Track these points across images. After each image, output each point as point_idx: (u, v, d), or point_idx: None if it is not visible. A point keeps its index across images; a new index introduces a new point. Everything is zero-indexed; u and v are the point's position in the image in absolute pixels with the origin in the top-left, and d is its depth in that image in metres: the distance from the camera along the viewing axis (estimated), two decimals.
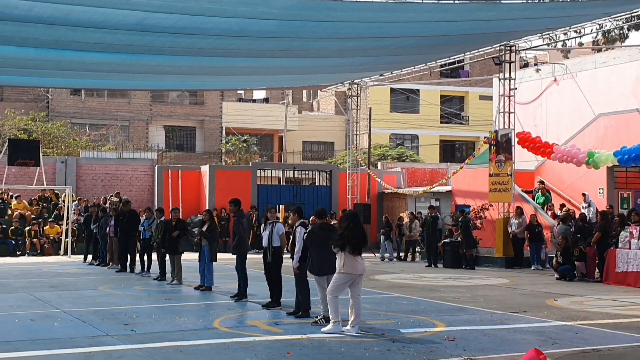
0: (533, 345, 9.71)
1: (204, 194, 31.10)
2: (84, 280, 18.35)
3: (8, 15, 13.80)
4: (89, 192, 31.42)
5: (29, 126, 40.08)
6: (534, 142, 23.84)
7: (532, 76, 30.00)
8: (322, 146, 51.60)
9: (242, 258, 14.56)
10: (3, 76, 23.29)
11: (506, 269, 21.82)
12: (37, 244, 27.03)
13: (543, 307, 13.64)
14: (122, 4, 13.38)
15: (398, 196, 31.36)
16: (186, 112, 49.06)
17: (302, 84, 30.88)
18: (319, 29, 15.63)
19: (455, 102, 50.41)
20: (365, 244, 10.88)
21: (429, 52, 21.64)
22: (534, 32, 20.89)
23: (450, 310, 13.03)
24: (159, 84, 27.41)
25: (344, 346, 9.61)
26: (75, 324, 11.39)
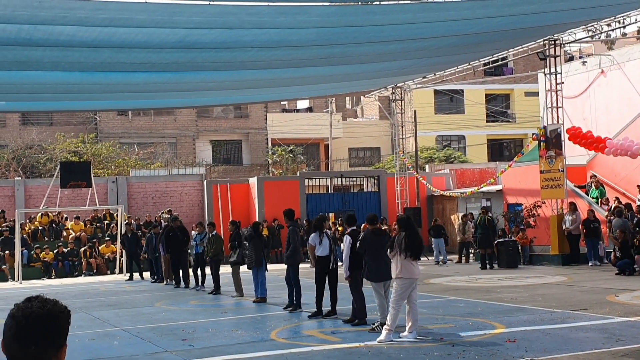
0: (597, 344, 9.50)
1: (253, 206, 31.25)
2: (140, 297, 18.55)
3: (54, 41, 14.07)
4: (140, 210, 31.83)
5: (79, 148, 40.85)
6: (586, 137, 23.41)
7: (579, 69, 29.49)
8: (368, 152, 51.47)
9: (294, 268, 14.55)
10: (53, 102, 23.77)
11: (563, 266, 21.43)
12: (93, 263, 27.48)
13: (604, 303, 13.34)
14: (164, 22, 13.53)
15: (448, 198, 31.08)
16: (231, 126, 49.44)
17: (345, 91, 30.85)
18: (359, 34, 15.58)
19: (501, 100, 49.83)
20: (422, 248, 10.85)
21: (472, 51, 21.42)
22: (577, 25, 20.52)
23: (508, 311, 12.82)
24: (204, 100, 27.66)
25: (402, 352, 9.51)
26: (135, 341, 11.50)
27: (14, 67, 16.44)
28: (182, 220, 22.25)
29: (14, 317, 2.33)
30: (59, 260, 27.25)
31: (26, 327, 2.30)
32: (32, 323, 2.31)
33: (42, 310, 2.35)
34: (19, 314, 2.32)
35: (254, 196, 31.23)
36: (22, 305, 2.36)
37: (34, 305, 2.35)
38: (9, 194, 30.89)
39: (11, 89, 19.64)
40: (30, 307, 2.34)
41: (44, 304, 2.38)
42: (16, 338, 2.30)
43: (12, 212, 28.52)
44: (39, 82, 18.52)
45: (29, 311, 2.34)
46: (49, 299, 2.40)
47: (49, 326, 2.34)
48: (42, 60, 15.82)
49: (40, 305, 2.36)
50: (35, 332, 2.31)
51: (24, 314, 2.33)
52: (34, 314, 2.33)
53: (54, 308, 2.38)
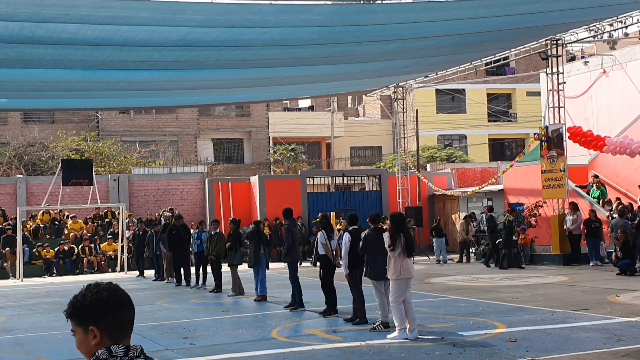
0: (598, 344, 9.50)
1: (254, 204, 31.25)
2: (141, 295, 18.55)
3: (56, 39, 14.07)
4: (141, 209, 31.84)
5: (80, 146, 40.86)
6: (585, 135, 23.39)
7: (580, 69, 29.45)
8: (369, 151, 51.47)
9: (292, 266, 14.57)
10: (55, 100, 23.78)
11: (564, 266, 21.42)
12: (94, 261, 27.51)
13: (605, 303, 13.33)
14: (166, 20, 13.54)
15: (449, 197, 31.07)
16: (233, 124, 49.44)
17: (347, 90, 30.84)
18: (361, 32, 15.58)
19: (502, 99, 49.80)
20: (413, 245, 10.94)
21: (474, 51, 21.41)
22: (579, 24, 20.51)
23: (509, 311, 12.82)
24: (206, 99, 27.66)
25: (404, 352, 9.51)
26: (136, 339, 11.42)
27: (16, 65, 16.44)
28: (184, 219, 22.25)
29: (114, 291, 2.63)
30: (60, 258, 27.26)
31: (124, 296, 2.66)
32: (122, 292, 2.67)
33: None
34: (110, 290, 2.63)
35: (255, 195, 31.23)
36: (103, 285, 2.66)
37: (105, 285, 2.68)
38: (11, 192, 30.91)
39: (13, 87, 19.65)
40: (108, 285, 2.67)
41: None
42: (125, 306, 2.64)
43: (13, 209, 28.55)
44: (41, 80, 18.53)
45: (112, 286, 2.68)
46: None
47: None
48: (44, 58, 15.82)
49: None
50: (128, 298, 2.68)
51: (113, 287, 2.67)
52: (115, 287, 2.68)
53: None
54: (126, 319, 2.66)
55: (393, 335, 10.49)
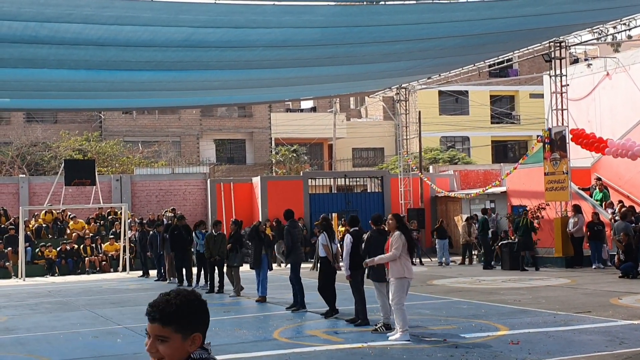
0: (600, 346, 9.48)
1: (256, 205, 31.25)
2: (143, 295, 18.55)
3: (60, 39, 14.08)
4: (144, 209, 31.84)
5: (83, 146, 40.89)
6: (588, 138, 23.36)
7: (584, 72, 29.41)
8: (372, 152, 51.45)
9: (294, 267, 14.57)
10: (58, 100, 23.79)
11: (566, 268, 21.39)
12: (96, 261, 27.53)
13: (607, 306, 13.31)
14: (169, 21, 13.54)
15: (451, 199, 31.05)
16: (235, 125, 49.45)
17: (349, 91, 30.83)
18: (364, 34, 15.57)
19: (506, 101, 49.76)
20: (415, 246, 10.98)
21: (477, 52, 21.40)
22: (583, 27, 20.50)
23: (512, 313, 12.80)
24: (208, 99, 27.66)
25: (405, 354, 9.50)
26: (138, 339, 11.50)
27: (19, 65, 16.45)
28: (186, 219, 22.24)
29: (203, 298, 2.65)
30: (62, 257, 27.28)
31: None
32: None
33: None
34: (194, 293, 2.64)
35: (257, 195, 31.23)
36: (196, 292, 2.67)
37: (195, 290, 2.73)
38: (13, 191, 30.92)
39: (16, 87, 19.66)
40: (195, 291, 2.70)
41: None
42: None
43: (16, 209, 28.56)
44: (44, 79, 18.54)
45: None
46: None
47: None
48: (48, 58, 15.83)
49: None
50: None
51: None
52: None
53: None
54: (208, 324, 2.68)
55: (395, 336, 10.48)
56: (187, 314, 2.52)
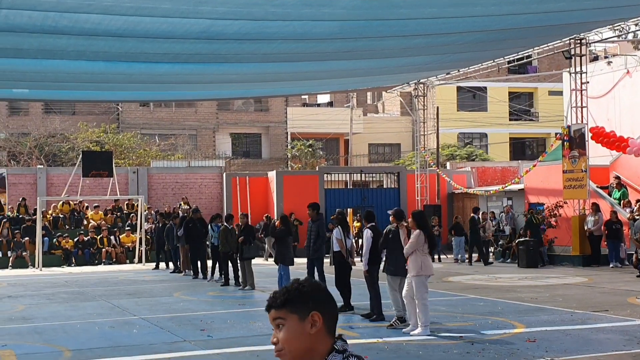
0: (618, 345, 9.39)
1: (271, 199, 31.24)
2: (158, 287, 18.61)
3: (79, 29, 14.07)
4: (160, 201, 31.94)
5: (101, 138, 41.08)
6: (608, 136, 23.16)
7: (604, 69, 29.15)
8: (388, 148, 51.31)
9: (320, 262, 14.49)
10: (76, 91, 23.85)
11: (583, 267, 21.24)
12: (113, 252, 27.66)
13: (625, 305, 13.20)
14: (188, 12, 13.50)
15: (469, 196, 30.89)
16: (251, 119, 49.48)
17: (367, 86, 30.64)
18: (384, 27, 15.45)
19: (524, 98, 49.45)
20: (436, 243, 10.94)
21: (497, 48, 21.22)
22: (604, 24, 20.27)
23: (528, 311, 12.71)
24: (226, 93, 27.63)
25: (422, 349, 9.45)
26: (153, 330, 11.52)
27: (39, 55, 16.47)
28: (201, 212, 22.28)
29: (327, 288, 2.56)
30: (79, 248, 27.44)
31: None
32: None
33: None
34: (321, 283, 2.56)
35: (272, 190, 31.22)
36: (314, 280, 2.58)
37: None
38: (31, 182, 31.10)
39: (35, 77, 19.70)
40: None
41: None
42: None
43: (34, 199, 28.73)
44: (63, 71, 18.56)
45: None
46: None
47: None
48: (67, 49, 15.84)
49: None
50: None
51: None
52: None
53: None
54: (337, 318, 2.53)
55: (417, 331, 10.45)
56: (300, 292, 2.44)
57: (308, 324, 2.40)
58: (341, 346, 2.42)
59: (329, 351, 2.40)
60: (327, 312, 2.44)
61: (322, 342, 2.42)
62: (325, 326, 2.42)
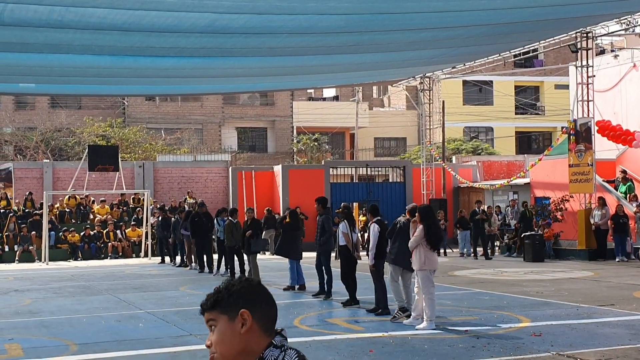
0: (623, 340, 9.38)
1: (277, 193, 31.27)
2: (164, 281, 18.65)
3: (84, 23, 14.09)
4: (166, 195, 32.00)
5: (107, 132, 41.15)
6: (614, 130, 23.10)
7: (610, 63, 29.06)
8: (394, 142, 51.27)
9: (327, 256, 14.49)
10: (82, 86, 23.88)
11: (589, 261, 21.22)
12: (119, 246, 27.74)
13: (631, 299, 13.18)
14: (194, 6, 13.50)
15: (474, 190, 30.86)
16: (257, 113, 49.49)
17: (373, 80, 30.60)
18: (390, 21, 15.44)
19: (530, 92, 49.34)
20: (441, 238, 10.95)
21: (502, 42, 21.17)
22: (610, 17, 20.20)
23: (534, 305, 12.70)
24: (231, 87, 27.65)
25: (427, 343, 9.46)
26: (160, 324, 11.56)
27: (45, 50, 16.50)
28: (207, 206, 22.31)
29: (261, 284, 2.46)
30: (85, 242, 27.52)
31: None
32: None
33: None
34: (259, 281, 2.48)
35: (278, 184, 31.24)
36: (249, 277, 2.49)
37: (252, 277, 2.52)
38: (38, 176, 31.19)
39: (41, 72, 19.74)
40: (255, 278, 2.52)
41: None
42: (273, 300, 2.46)
43: (40, 193, 28.82)
44: (69, 65, 18.59)
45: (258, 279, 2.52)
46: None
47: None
48: (73, 43, 15.86)
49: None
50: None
51: (259, 280, 2.51)
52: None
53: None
54: (275, 315, 2.42)
55: (422, 325, 10.47)
56: (229, 292, 2.37)
57: (238, 324, 2.33)
58: (279, 342, 2.36)
59: (266, 348, 2.34)
60: (259, 310, 2.35)
61: (256, 341, 2.33)
62: (258, 324, 2.34)
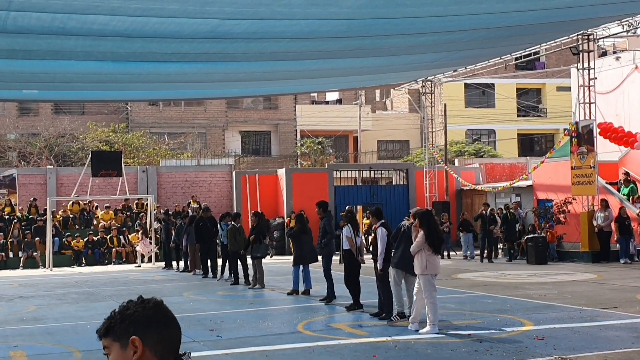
0: (626, 343, 9.39)
1: (281, 197, 31.31)
2: (168, 287, 18.69)
3: (87, 30, 14.16)
4: (169, 200, 32.05)
5: (110, 138, 41.21)
6: (616, 132, 23.11)
7: (612, 64, 29.05)
8: (397, 145, 51.29)
9: (327, 259, 14.52)
10: (85, 92, 23.97)
11: (592, 263, 21.21)
12: (123, 252, 27.78)
13: (634, 302, 13.18)
14: (196, 12, 13.57)
15: (477, 193, 30.87)
16: (261, 117, 49.55)
17: (374, 83, 30.68)
18: (391, 25, 15.49)
19: (532, 94, 49.34)
20: (442, 242, 10.97)
21: (504, 45, 21.20)
22: (612, 19, 20.21)
23: (537, 308, 12.71)
24: (234, 91, 27.72)
25: (430, 347, 9.48)
26: None
27: (47, 56, 16.58)
28: (211, 211, 22.34)
29: (162, 305, 2.31)
30: (89, 248, 27.57)
31: (172, 314, 2.34)
32: (169, 310, 2.35)
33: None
34: (157, 303, 2.31)
35: (282, 187, 31.28)
36: (148, 298, 2.34)
37: (151, 298, 2.34)
38: (41, 182, 31.26)
39: (44, 78, 19.82)
40: (154, 299, 2.33)
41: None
42: (173, 322, 2.31)
43: (44, 199, 28.88)
44: (71, 71, 18.68)
45: (158, 300, 2.35)
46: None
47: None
48: (75, 50, 15.93)
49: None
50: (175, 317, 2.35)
51: (159, 301, 2.33)
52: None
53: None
54: (175, 338, 2.28)
55: (426, 329, 10.49)
56: (122, 318, 2.23)
57: (130, 351, 2.19)
58: None
59: None
60: (153, 335, 2.21)
61: None
62: (152, 351, 2.20)
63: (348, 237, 13.21)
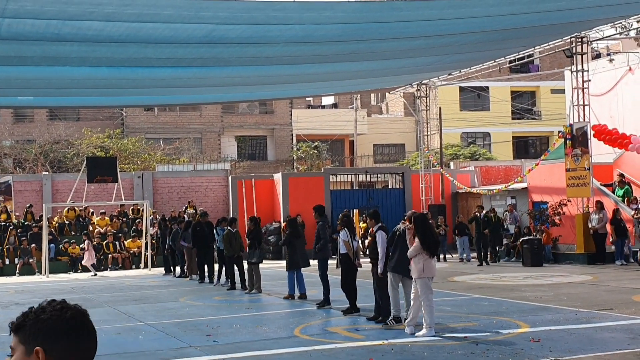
0: (622, 344, 9.41)
1: (277, 202, 31.31)
2: (165, 292, 18.67)
3: (82, 36, 14.18)
4: (165, 205, 32.03)
5: (105, 143, 41.18)
6: (611, 134, 23.17)
7: (606, 67, 29.14)
8: (393, 148, 51.36)
9: (323, 263, 14.54)
10: (80, 97, 23.97)
11: (588, 265, 21.25)
12: (119, 258, 27.74)
13: (630, 303, 13.21)
14: (190, 18, 13.60)
15: (473, 195, 30.92)
16: (256, 122, 49.58)
17: (370, 87, 30.73)
18: (385, 30, 15.54)
19: (527, 97, 49.46)
20: (439, 244, 10.99)
21: (497, 48, 21.27)
22: (605, 22, 20.30)
23: (533, 310, 12.74)
24: (229, 96, 27.74)
25: (426, 350, 9.49)
26: (159, 336, 11.59)
27: (42, 63, 16.59)
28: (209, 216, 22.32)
29: (82, 315, 2.15)
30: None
31: (92, 325, 2.20)
32: (90, 320, 2.20)
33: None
34: (77, 311, 2.15)
35: (278, 192, 31.29)
36: (69, 304, 2.18)
37: (73, 305, 2.20)
38: (37, 189, 31.23)
39: (39, 84, 19.83)
40: (75, 306, 2.19)
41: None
42: (90, 335, 2.17)
43: (39, 206, 28.85)
44: (66, 77, 18.68)
45: (80, 308, 2.20)
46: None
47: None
48: (70, 56, 15.95)
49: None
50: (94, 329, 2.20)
51: (81, 310, 2.19)
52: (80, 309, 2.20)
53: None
54: (87, 354, 2.12)
55: (422, 332, 10.51)
56: (35, 321, 2.07)
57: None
58: None
59: None
60: (61, 348, 2.05)
61: None
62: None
63: (345, 241, 13.22)
